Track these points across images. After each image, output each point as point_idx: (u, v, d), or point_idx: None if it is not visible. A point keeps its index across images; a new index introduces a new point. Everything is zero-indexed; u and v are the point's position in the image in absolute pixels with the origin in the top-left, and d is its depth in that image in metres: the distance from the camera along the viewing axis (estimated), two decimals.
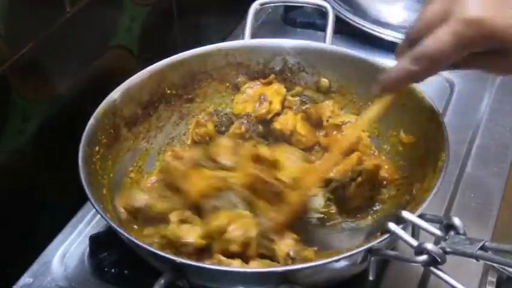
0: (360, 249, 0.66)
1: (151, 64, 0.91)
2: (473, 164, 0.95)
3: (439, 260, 0.61)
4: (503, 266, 0.59)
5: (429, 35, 0.63)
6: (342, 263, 0.67)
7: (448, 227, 0.64)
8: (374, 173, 0.84)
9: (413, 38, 0.65)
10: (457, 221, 0.63)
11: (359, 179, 0.82)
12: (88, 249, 0.84)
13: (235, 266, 0.72)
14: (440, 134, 0.78)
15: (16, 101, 0.83)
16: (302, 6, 1.20)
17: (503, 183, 0.93)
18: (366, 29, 1.15)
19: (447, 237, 0.62)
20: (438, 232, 0.63)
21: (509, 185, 0.93)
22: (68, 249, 0.85)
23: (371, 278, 0.69)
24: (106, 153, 0.83)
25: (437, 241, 0.64)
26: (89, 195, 0.72)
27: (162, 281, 0.65)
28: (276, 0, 1.06)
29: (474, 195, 0.91)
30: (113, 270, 0.80)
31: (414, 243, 0.63)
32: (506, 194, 0.92)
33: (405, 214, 0.66)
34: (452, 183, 0.92)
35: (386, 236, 0.66)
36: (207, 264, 0.71)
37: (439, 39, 0.62)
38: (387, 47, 1.13)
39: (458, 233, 0.63)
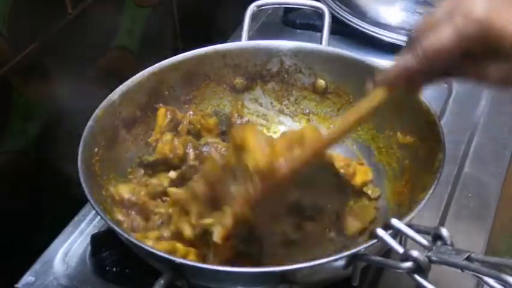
0: (345, 254, 0.66)
1: (152, 65, 0.92)
2: (471, 164, 0.96)
3: (424, 268, 0.61)
4: (487, 278, 0.59)
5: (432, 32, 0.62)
6: (332, 265, 0.67)
7: (436, 237, 0.64)
8: None
9: (416, 36, 0.64)
10: (444, 231, 0.63)
11: None
12: (89, 248, 0.85)
13: (234, 266, 0.73)
14: (437, 134, 0.79)
15: (18, 102, 0.84)
16: (302, 8, 1.21)
17: (501, 183, 0.93)
18: (365, 30, 1.16)
19: (434, 247, 0.62)
20: (424, 241, 0.63)
21: (507, 185, 0.94)
22: (70, 248, 0.86)
23: (354, 283, 0.69)
24: (105, 154, 0.83)
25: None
26: (89, 197, 0.73)
27: (162, 281, 0.65)
28: (273, 2, 1.06)
29: (472, 195, 0.91)
30: (114, 269, 0.81)
31: (401, 250, 0.63)
32: (504, 194, 0.92)
33: (394, 221, 0.66)
34: (450, 183, 0.92)
35: (372, 241, 0.66)
36: (206, 265, 0.71)
37: (440, 32, 0.60)
38: (386, 48, 1.13)
39: (445, 244, 0.63)
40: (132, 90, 0.89)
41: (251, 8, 1.01)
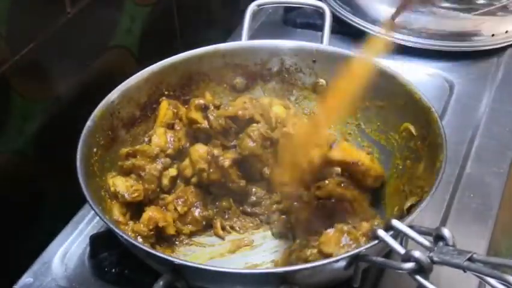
0: (346, 254, 0.66)
1: (152, 64, 0.91)
2: (473, 164, 0.95)
3: (426, 268, 0.60)
4: (489, 279, 0.58)
5: None
6: (333, 266, 0.67)
7: (438, 238, 0.63)
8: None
9: None
10: (446, 232, 0.63)
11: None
12: (88, 249, 0.84)
13: (235, 267, 0.72)
14: (439, 134, 0.78)
15: (16, 101, 0.84)
16: (302, 7, 1.20)
17: (503, 183, 0.93)
18: (366, 29, 1.15)
19: (435, 248, 0.62)
20: (426, 242, 0.63)
21: (509, 185, 0.93)
22: (69, 249, 0.86)
23: (355, 285, 0.69)
24: (104, 154, 0.83)
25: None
26: (88, 197, 0.72)
27: (161, 283, 0.65)
28: (273, 1, 1.06)
29: (474, 195, 0.91)
30: (113, 270, 0.81)
31: (402, 250, 0.62)
32: (506, 194, 0.92)
33: (395, 222, 0.65)
34: (451, 184, 0.92)
35: (374, 242, 0.66)
36: (205, 266, 0.71)
37: None
38: None
39: (447, 245, 0.62)
40: (131, 90, 0.89)
41: (251, 7, 1.01)
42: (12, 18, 0.79)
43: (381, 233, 0.65)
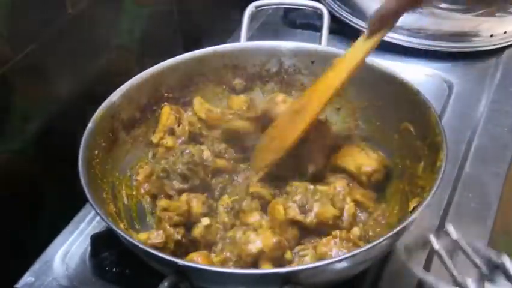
0: (347, 255, 0.66)
1: (152, 65, 0.92)
2: (472, 164, 0.96)
3: None
4: None
5: None
6: (341, 265, 0.67)
7: (494, 265, 0.54)
8: None
9: None
10: (508, 262, 0.53)
11: None
12: (89, 249, 0.85)
13: (238, 268, 0.72)
14: (438, 134, 0.79)
15: (17, 102, 0.84)
16: (302, 8, 1.21)
17: (502, 183, 0.93)
18: (364, 29, 1.15)
19: (490, 276, 0.54)
20: (483, 268, 0.54)
21: (508, 185, 0.94)
22: (70, 248, 0.86)
23: None
24: (105, 156, 0.83)
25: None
26: (90, 200, 0.72)
27: (166, 284, 0.65)
28: (271, 2, 1.06)
29: (472, 195, 0.91)
30: (114, 269, 0.81)
31: (456, 273, 0.55)
32: (505, 194, 0.92)
33: (450, 228, 0.58)
34: (450, 183, 0.92)
35: (372, 245, 0.64)
36: (209, 266, 0.71)
37: None
38: (385, 47, 1.13)
39: (506, 274, 0.53)
40: (132, 92, 0.89)
41: (250, 9, 1.01)
42: (13, 18, 0.80)
43: (433, 240, 0.58)
